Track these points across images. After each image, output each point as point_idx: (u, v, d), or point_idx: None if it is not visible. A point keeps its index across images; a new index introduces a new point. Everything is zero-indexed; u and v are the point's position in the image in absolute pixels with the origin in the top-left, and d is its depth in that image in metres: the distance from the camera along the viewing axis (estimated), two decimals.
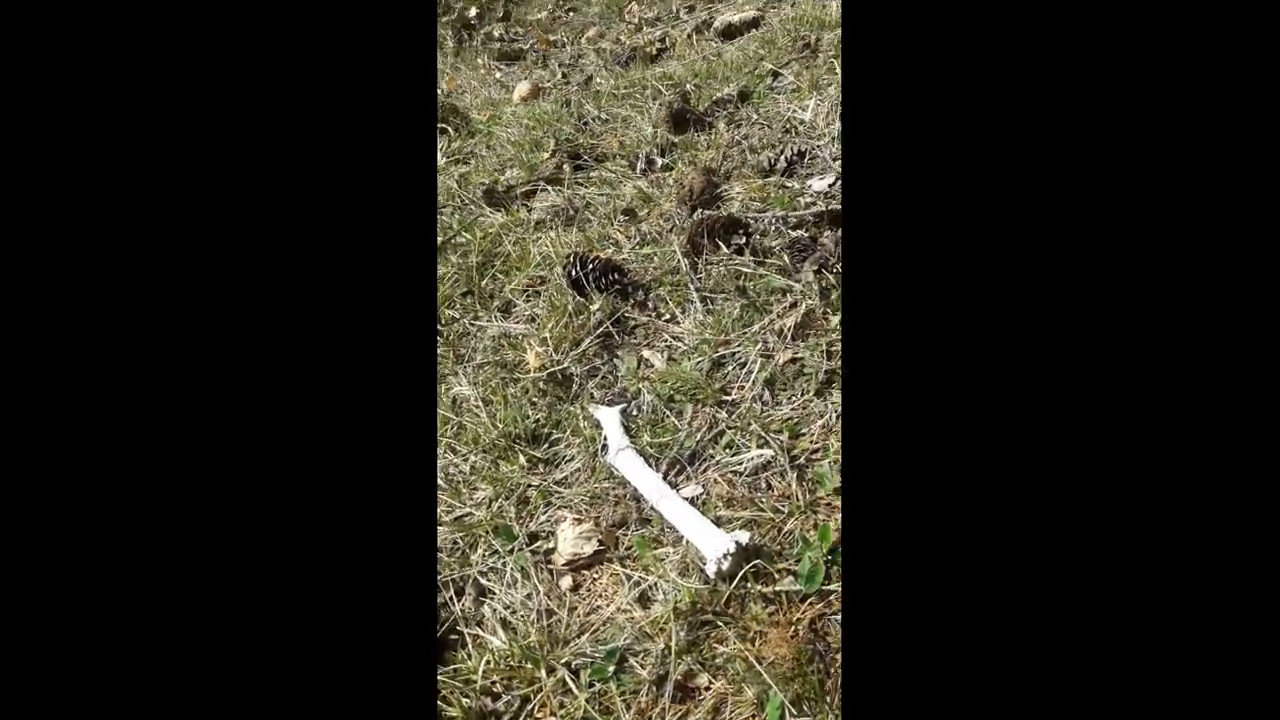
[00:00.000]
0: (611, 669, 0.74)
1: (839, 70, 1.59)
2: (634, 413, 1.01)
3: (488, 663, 0.77)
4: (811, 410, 0.93)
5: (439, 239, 1.48)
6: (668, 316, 1.16)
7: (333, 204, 0.37)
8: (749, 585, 0.76)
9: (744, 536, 0.76)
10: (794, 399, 0.95)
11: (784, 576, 0.77)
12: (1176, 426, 0.32)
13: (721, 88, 1.78)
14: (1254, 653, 0.30)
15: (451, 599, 0.86)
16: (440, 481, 0.99)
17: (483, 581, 0.87)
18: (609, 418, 0.97)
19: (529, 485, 0.95)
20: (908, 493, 0.35)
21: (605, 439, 0.96)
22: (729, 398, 0.99)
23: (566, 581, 0.84)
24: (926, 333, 0.36)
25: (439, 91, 2.39)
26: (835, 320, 1.00)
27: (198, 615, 0.34)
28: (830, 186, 1.25)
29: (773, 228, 1.21)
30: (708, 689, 0.71)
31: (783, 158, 1.34)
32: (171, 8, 0.35)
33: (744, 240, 1.14)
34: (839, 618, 0.73)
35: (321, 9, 0.36)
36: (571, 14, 3.45)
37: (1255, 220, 0.32)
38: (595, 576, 0.84)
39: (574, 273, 1.15)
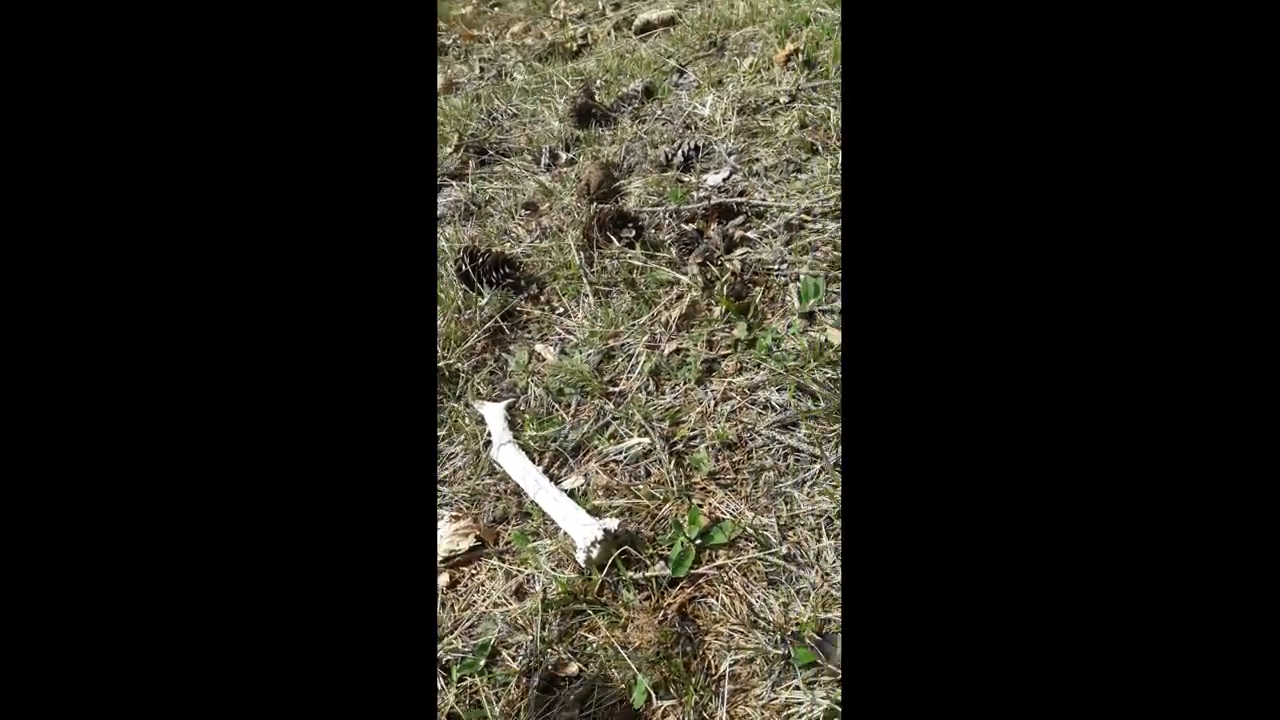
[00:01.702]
0: (482, 663, 0.74)
1: (740, 68, 1.62)
2: (521, 407, 1.01)
3: None
4: (692, 398, 0.94)
5: None
6: (561, 310, 1.16)
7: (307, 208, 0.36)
8: (621, 573, 0.76)
9: (612, 524, 0.77)
10: (676, 388, 0.97)
11: (656, 562, 0.78)
12: (1175, 421, 0.31)
13: (629, 83, 1.79)
14: (1254, 653, 0.30)
15: None
16: None
17: None
18: (493, 413, 0.97)
19: None
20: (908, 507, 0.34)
21: (489, 435, 0.95)
22: (616, 389, 1.00)
23: (443, 579, 0.83)
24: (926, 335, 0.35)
25: None
26: (718, 311, 1.02)
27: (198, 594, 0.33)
28: (724, 180, 1.27)
29: (666, 221, 1.23)
30: (577, 677, 0.72)
31: (680, 152, 1.36)
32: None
33: (634, 234, 1.15)
34: (710, 601, 0.74)
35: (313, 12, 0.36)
36: (497, 9, 3.42)
37: (1255, 220, 0.31)
38: (473, 572, 0.84)
39: (464, 267, 1.14)
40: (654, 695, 0.68)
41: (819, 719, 0.62)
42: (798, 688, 0.64)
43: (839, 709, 0.61)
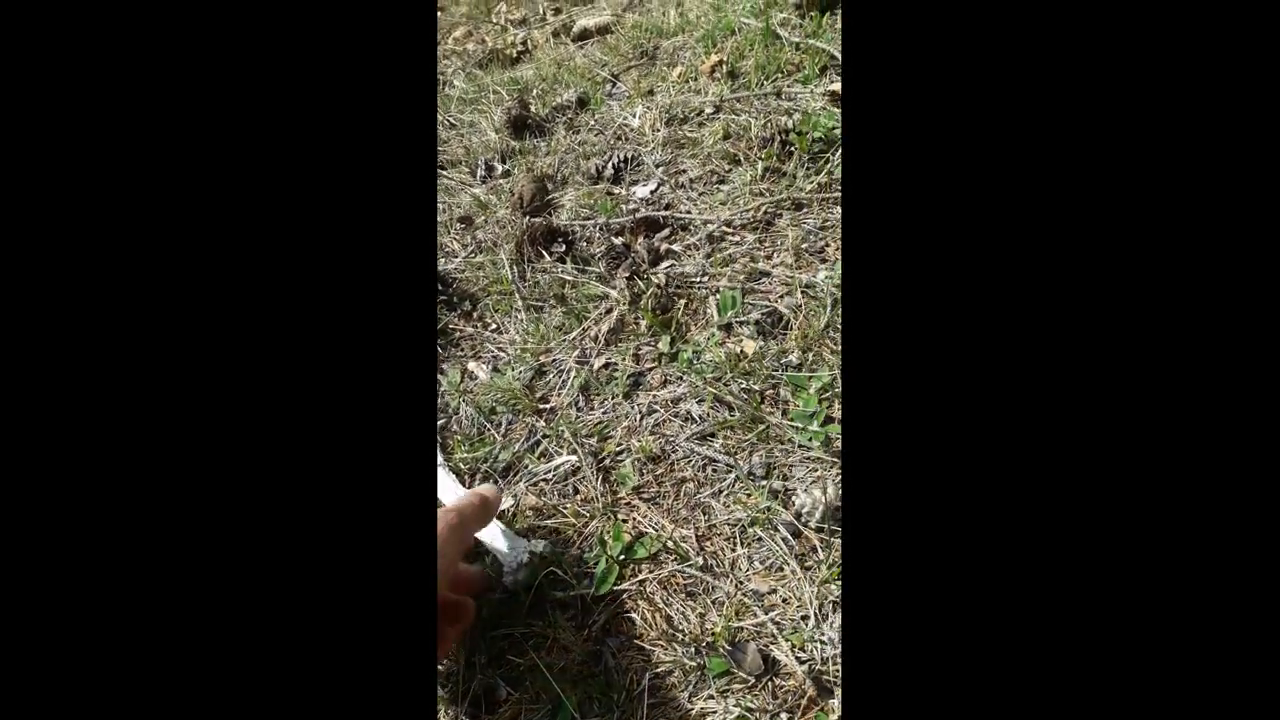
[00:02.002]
0: None
1: (670, 78, 1.64)
2: (454, 428, 1.01)
3: None
4: (620, 413, 0.95)
5: None
6: (494, 326, 1.16)
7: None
8: (547, 593, 0.77)
9: (538, 545, 0.78)
10: (605, 403, 0.98)
11: (581, 581, 0.79)
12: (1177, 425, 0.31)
13: (564, 93, 1.79)
14: (1254, 653, 0.30)
15: None
16: None
17: None
18: None
19: None
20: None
21: None
22: (547, 406, 1.01)
23: None
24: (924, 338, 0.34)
25: None
26: (644, 324, 1.03)
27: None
28: (652, 193, 1.29)
29: (597, 234, 1.24)
30: (505, 701, 0.73)
31: (610, 164, 1.37)
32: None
33: (564, 248, 1.16)
34: (632, 616, 0.76)
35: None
36: (440, 13, 3.38)
37: (1256, 221, 0.31)
38: None
39: None
40: (578, 716, 0.69)
41: None
42: (711, 696, 0.66)
43: (749, 715, 0.63)
